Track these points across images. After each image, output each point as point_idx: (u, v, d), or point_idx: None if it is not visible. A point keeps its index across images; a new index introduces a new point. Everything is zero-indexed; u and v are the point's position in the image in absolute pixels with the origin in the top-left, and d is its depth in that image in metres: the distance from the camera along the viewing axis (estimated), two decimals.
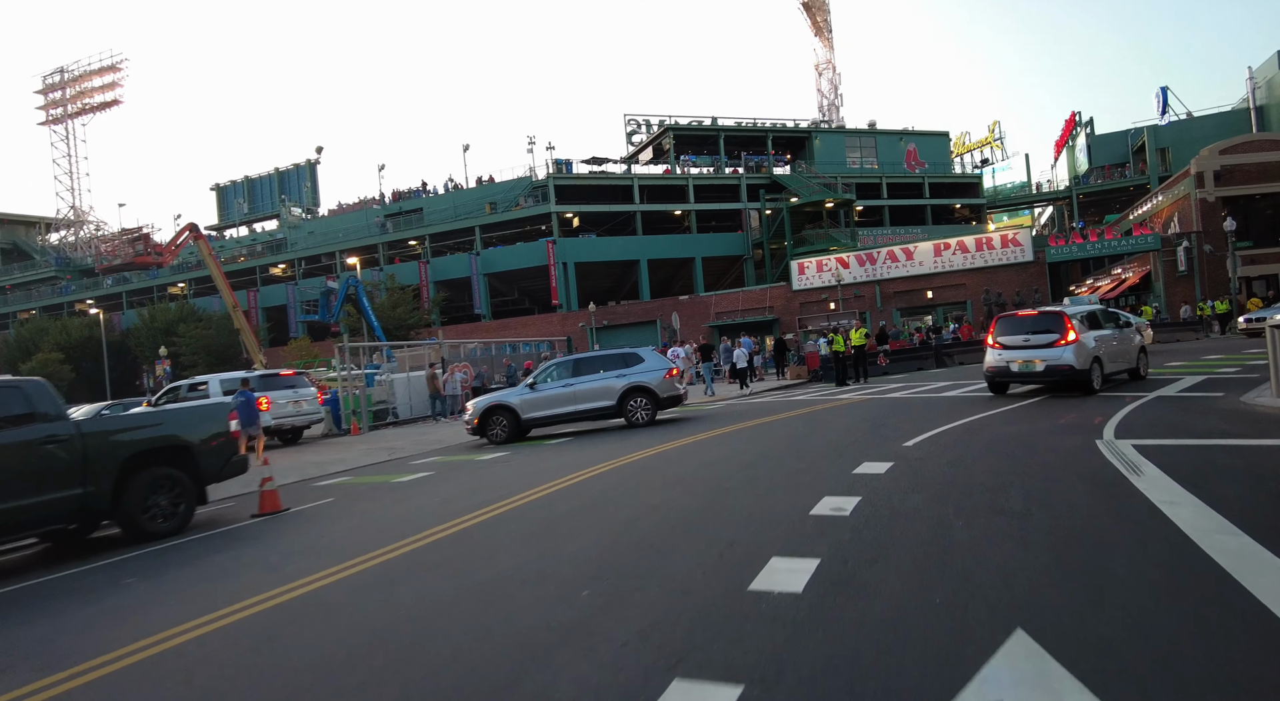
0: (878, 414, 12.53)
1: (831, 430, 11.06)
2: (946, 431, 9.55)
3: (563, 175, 49.39)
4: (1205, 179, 33.93)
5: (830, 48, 75.74)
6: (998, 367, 12.69)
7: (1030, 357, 12.22)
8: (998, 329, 12.99)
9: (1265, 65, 61.55)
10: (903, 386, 17.54)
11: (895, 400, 14.65)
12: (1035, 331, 12.40)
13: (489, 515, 7.13)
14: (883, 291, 39.35)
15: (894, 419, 11.57)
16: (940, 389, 15.95)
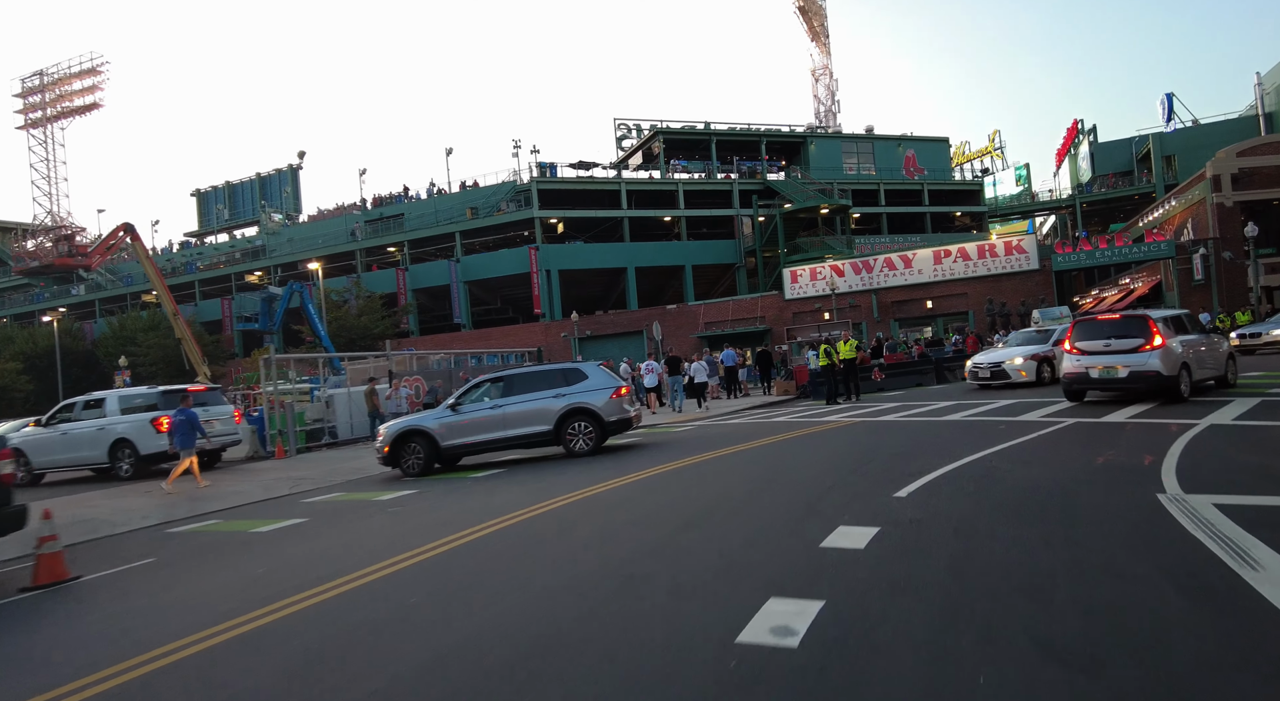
0: (866, 444, 10.36)
1: (807, 468, 8.89)
2: (951, 473, 7.37)
3: (546, 179, 47.38)
4: (1222, 182, 31.90)
5: (827, 53, 74.11)
6: (1076, 374, 12.03)
7: (1112, 363, 11.53)
8: (1075, 333, 12.40)
9: (1274, 71, 60.02)
10: (899, 406, 15.36)
11: (888, 425, 12.47)
12: (1117, 336, 11.74)
13: (322, 596, 4.97)
14: (880, 301, 37.25)
15: (885, 452, 9.40)
16: (942, 410, 13.76)
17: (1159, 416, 10.26)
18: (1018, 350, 17.33)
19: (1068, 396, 12.67)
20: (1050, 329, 18.25)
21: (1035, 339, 17.78)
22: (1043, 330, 18.72)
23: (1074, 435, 9.44)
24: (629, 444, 13.16)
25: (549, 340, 43.80)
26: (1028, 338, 18.18)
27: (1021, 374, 16.71)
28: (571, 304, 50.53)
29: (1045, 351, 16.88)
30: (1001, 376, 17.02)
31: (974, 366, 17.77)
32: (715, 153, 52.61)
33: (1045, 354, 16.85)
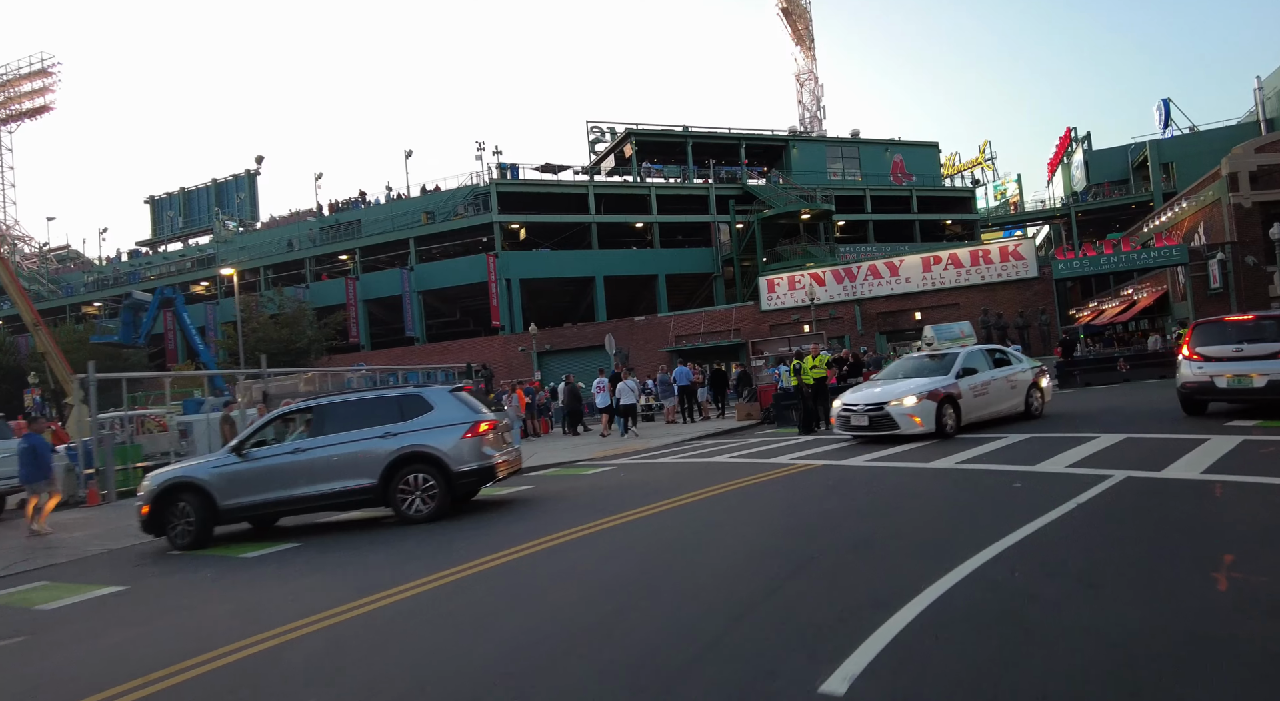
0: (815, 515, 6.94)
1: (704, 571, 5.45)
2: (944, 607, 3.93)
3: (507, 181, 44.08)
4: (1239, 181, 28.83)
5: (812, 58, 71.52)
6: (1198, 383, 10.74)
7: (1244, 371, 10.17)
8: (1197, 337, 11.08)
9: (1275, 75, 57.85)
10: (870, 439, 11.95)
11: (854, 476, 9.06)
12: (1251, 339, 10.33)
13: None
14: (864, 312, 33.99)
15: (839, 536, 5.98)
16: (925, 449, 10.38)
17: None
18: (907, 387, 11.72)
19: (1186, 409, 11.27)
20: (948, 353, 13.30)
21: (929, 368, 12.50)
22: (938, 355, 13.49)
23: (1156, 502, 6.03)
24: (505, 498, 9.71)
25: (509, 354, 40.39)
26: (919, 366, 12.82)
27: (915, 421, 11.21)
28: (536, 315, 47.12)
29: (947, 387, 11.57)
30: (885, 424, 11.40)
31: (845, 410, 12.01)
32: (692, 156, 49.47)
33: (947, 390, 11.53)
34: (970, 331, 13.91)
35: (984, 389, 12.11)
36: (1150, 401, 14.15)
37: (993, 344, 16.97)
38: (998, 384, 12.40)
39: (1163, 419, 11.34)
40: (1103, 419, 12.17)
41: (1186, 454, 7.98)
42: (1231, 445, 8.31)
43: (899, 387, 11.82)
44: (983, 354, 12.94)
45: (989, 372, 12.38)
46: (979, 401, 11.97)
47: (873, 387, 12.54)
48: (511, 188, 43.96)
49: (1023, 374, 13.02)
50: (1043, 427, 11.59)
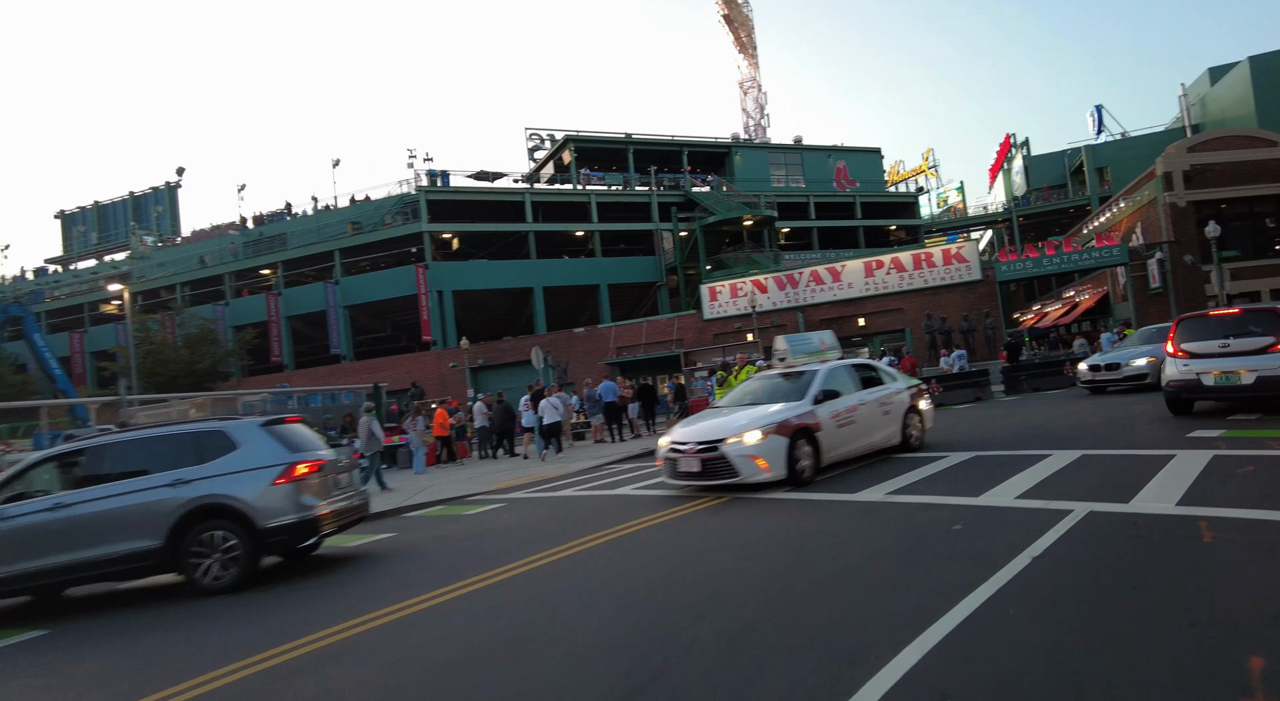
0: (699, 586, 5.38)
1: (552, 673, 3.83)
2: None
3: (437, 189, 42.10)
4: (1174, 180, 28.67)
5: (755, 66, 71.35)
6: (1184, 381, 10.32)
7: (1232, 367, 9.75)
8: (1181, 332, 10.62)
9: (1198, 82, 59.51)
10: None
11: (771, 514, 7.57)
12: (1238, 334, 9.92)
13: None
14: (807, 319, 32.95)
15: (721, 621, 4.42)
16: (860, 474, 8.99)
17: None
18: (749, 417, 8.76)
19: (1171, 408, 10.78)
20: (805, 370, 10.08)
21: (783, 390, 9.68)
22: (792, 373, 10.22)
23: (1130, 551, 4.64)
24: (353, 552, 7.99)
25: (441, 370, 38.35)
26: (773, 388, 9.93)
27: (759, 464, 8.27)
28: (473, 329, 45.14)
29: (801, 416, 8.73)
30: (720, 470, 8.41)
31: (672, 450, 8.96)
32: (633, 164, 48.19)
33: (801, 421, 8.68)
34: (834, 343, 11.40)
35: (850, 416, 9.27)
36: (1102, 410, 13.09)
37: (862, 359, 14.07)
38: (868, 409, 9.70)
39: (1118, 428, 10.20)
40: (1050, 431, 10.98)
41: (1154, 476, 6.70)
42: (1201, 463, 7.08)
43: (739, 418, 8.69)
44: (847, 371, 10.12)
45: (855, 395, 9.66)
46: (843, 433, 9.12)
47: (714, 417, 9.42)
48: (442, 195, 41.99)
49: (898, 395, 10.40)
50: (989, 444, 10.32)
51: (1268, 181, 29.29)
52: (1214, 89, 55.41)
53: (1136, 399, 13.61)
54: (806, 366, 10.17)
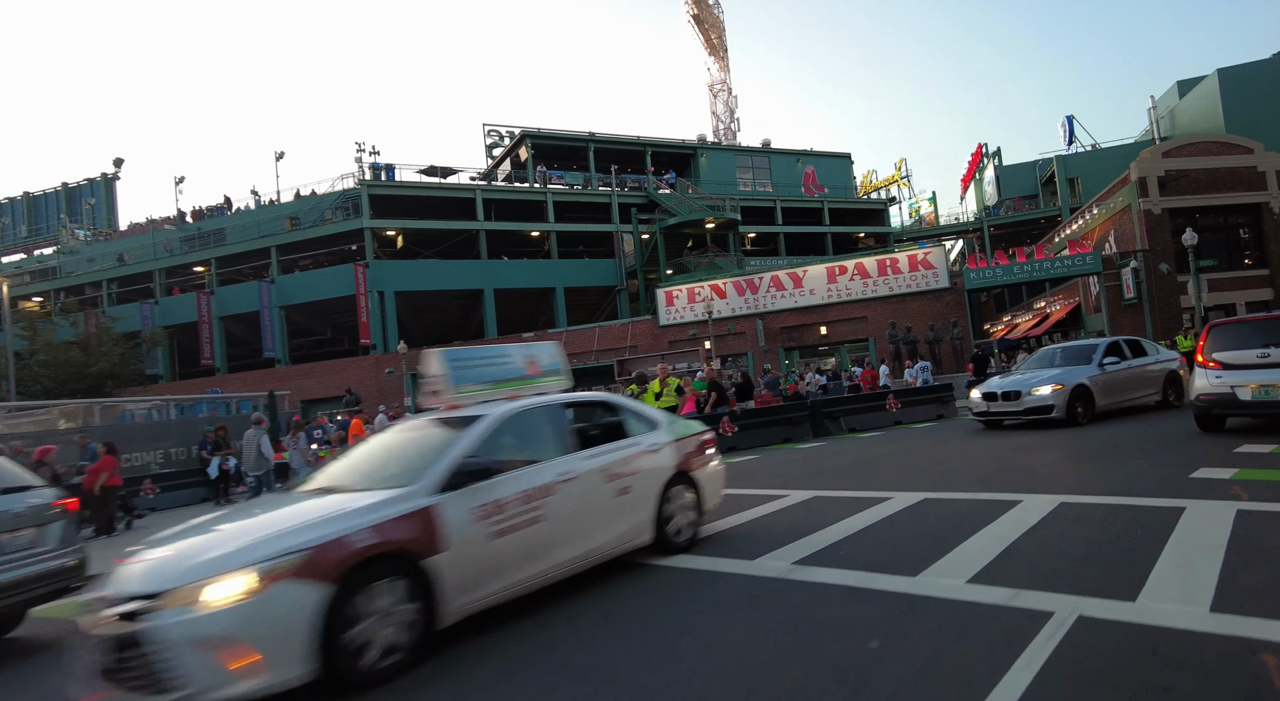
0: None
1: None
2: None
3: (381, 183, 39.69)
4: (1148, 186, 27.31)
5: (725, 69, 69.90)
6: (1217, 395, 9.13)
7: (1274, 380, 8.50)
8: (1214, 340, 9.45)
9: (1167, 95, 59.33)
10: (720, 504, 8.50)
11: (628, 606, 5.47)
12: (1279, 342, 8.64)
13: None
14: (766, 326, 31.13)
15: None
16: (789, 524, 6.96)
17: None
18: (242, 536, 4.01)
19: (1201, 425, 9.79)
20: (474, 416, 5.24)
21: (404, 461, 5.10)
22: (453, 419, 5.37)
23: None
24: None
25: (380, 376, 35.94)
26: (388, 458, 5.30)
27: (236, 665, 3.47)
28: (421, 332, 42.78)
29: (383, 526, 4.09)
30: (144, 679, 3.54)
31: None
32: (594, 162, 46.16)
33: (383, 536, 4.03)
34: (556, 363, 6.37)
35: (530, 509, 4.77)
36: (1068, 443, 11.23)
37: (600, 395, 8.01)
38: (578, 489, 5.20)
39: (1100, 461, 8.30)
40: (1016, 467, 9.05)
41: (1164, 547, 4.75)
42: (1225, 522, 5.16)
43: (214, 544, 4.00)
44: (548, 417, 5.58)
45: (554, 464, 5.17)
46: (509, 548, 4.61)
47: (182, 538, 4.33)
48: (386, 190, 39.59)
49: (648, 458, 5.90)
50: (944, 483, 8.34)
51: (1242, 190, 28.11)
52: (1183, 101, 55.05)
53: (1057, 436, 10.88)
54: (478, 407, 5.39)
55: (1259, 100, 44.89)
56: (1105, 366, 12.29)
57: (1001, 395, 12.44)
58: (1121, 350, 12.89)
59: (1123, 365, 12.61)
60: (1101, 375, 12.18)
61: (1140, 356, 13.18)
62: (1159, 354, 13.67)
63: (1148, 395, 13.00)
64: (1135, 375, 12.81)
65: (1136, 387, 12.78)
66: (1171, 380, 13.38)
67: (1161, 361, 13.46)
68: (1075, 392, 11.76)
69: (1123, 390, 12.49)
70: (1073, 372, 12.11)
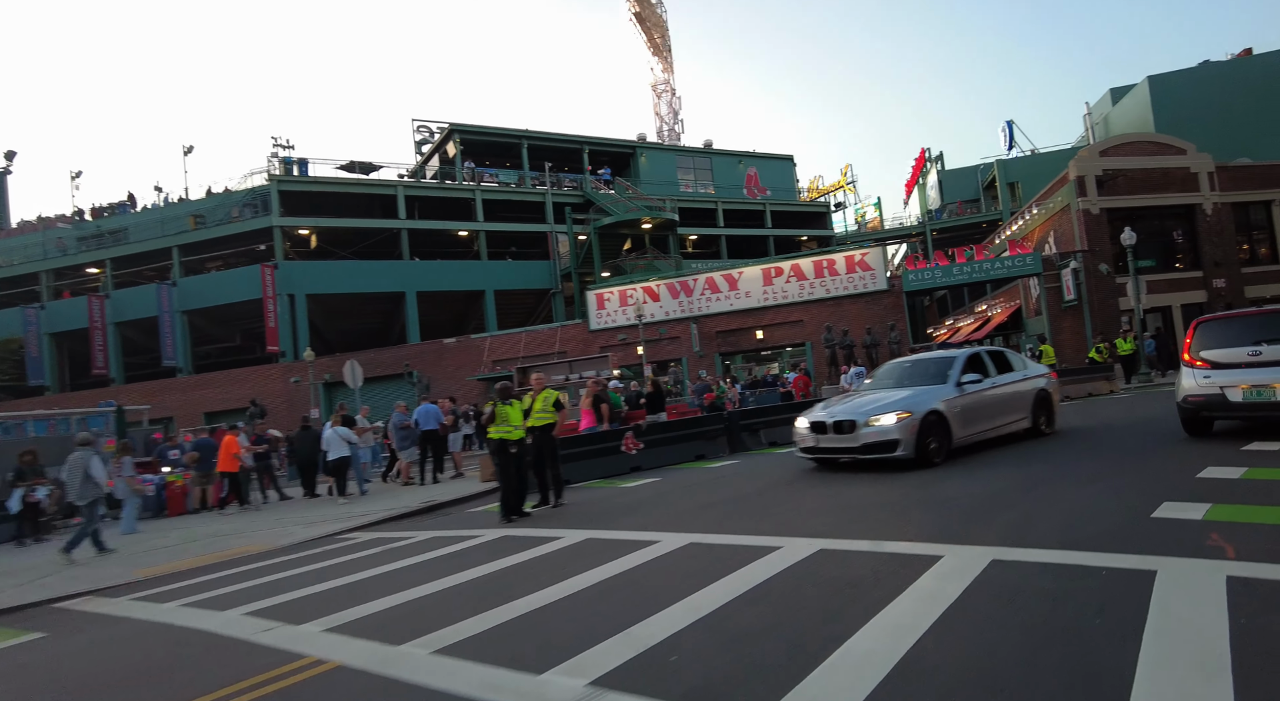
0: None
1: None
2: None
3: (293, 179, 37.00)
4: (1087, 185, 26.64)
5: (669, 69, 68.72)
6: (1205, 397, 8.48)
7: (1266, 380, 7.91)
8: (1201, 338, 8.75)
9: (1101, 102, 60.38)
10: (582, 545, 6.77)
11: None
12: (1273, 339, 8.02)
13: None
14: (701, 330, 29.59)
15: None
16: (632, 579, 5.21)
17: None
18: None
19: (1188, 428, 9.21)
20: None
21: None
22: None
23: None
24: None
25: (289, 386, 33.29)
26: None
27: None
28: (339, 339, 40.20)
29: None
30: None
31: None
32: (528, 161, 44.12)
33: None
34: None
35: None
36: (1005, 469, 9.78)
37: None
38: None
39: (1039, 491, 6.76)
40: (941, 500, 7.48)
41: (1140, 650, 3.11)
42: (1215, 601, 3.58)
43: None
44: None
45: None
46: None
47: None
48: (299, 186, 36.92)
49: None
50: (848, 523, 6.70)
51: (1175, 191, 27.69)
52: (1116, 108, 55.82)
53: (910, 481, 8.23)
54: None
55: (1187, 106, 45.47)
56: (964, 386, 9.69)
57: (833, 426, 9.39)
58: (983, 364, 10.39)
59: (986, 384, 10.03)
60: (960, 398, 9.57)
61: (1006, 372, 10.68)
62: (1027, 368, 11.28)
63: (1015, 421, 10.53)
64: (1002, 396, 10.30)
65: (1003, 412, 10.30)
66: (1041, 401, 10.97)
67: (1030, 378, 11.07)
68: (927, 423, 9.04)
69: (987, 416, 9.98)
70: (924, 395, 9.38)
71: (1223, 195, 27.79)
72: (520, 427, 9.19)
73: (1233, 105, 45.09)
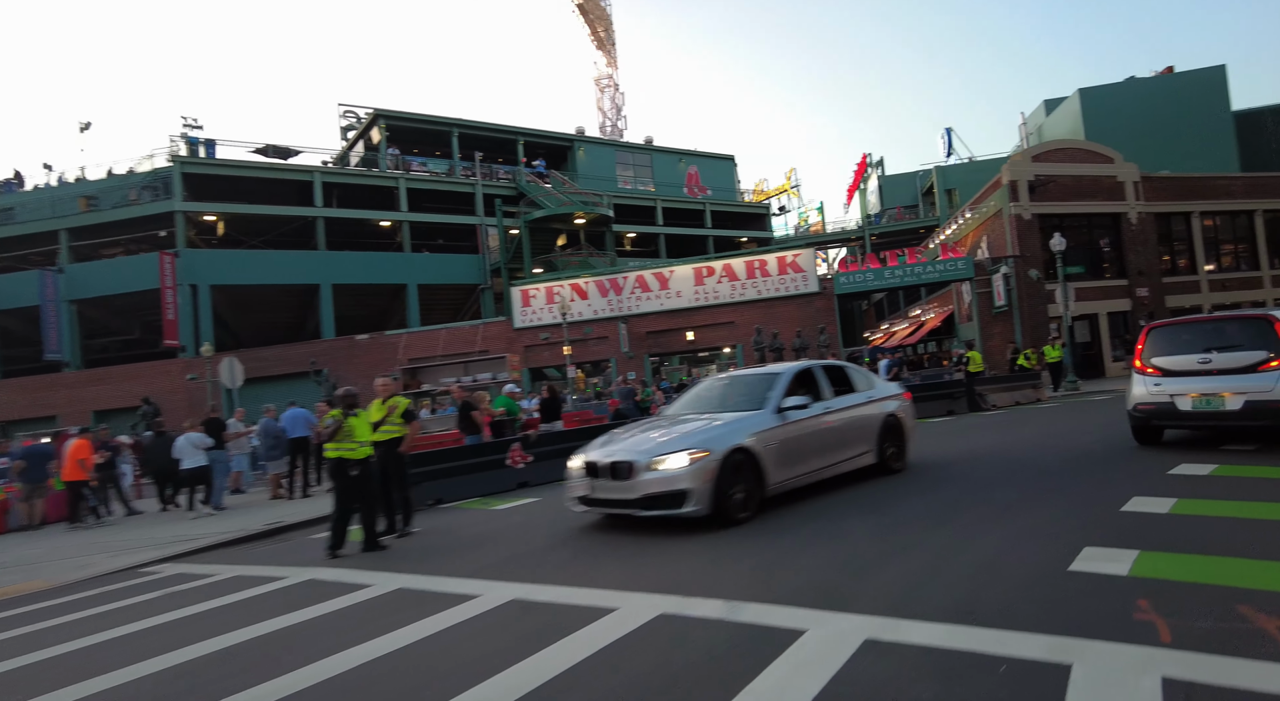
0: None
1: None
2: None
3: (198, 160, 34.43)
4: (1019, 190, 26.41)
5: (614, 64, 67.42)
6: (1155, 405, 8.23)
7: (1215, 389, 7.75)
8: (1152, 344, 8.50)
9: (1035, 112, 61.59)
10: (391, 598, 5.43)
11: None
12: (1223, 346, 7.83)
13: None
14: (631, 331, 28.39)
15: None
16: (413, 658, 3.88)
17: None
18: None
19: (1138, 437, 8.79)
20: None
21: None
22: None
23: None
24: None
25: (189, 383, 30.82)
26: None
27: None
28: (252, 333, 37.72)
29: None
30: None
31: None
32: (459, 150, 42.23)
33: None
34: None
35: None
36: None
37: None
38: None
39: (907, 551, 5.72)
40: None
41: None
42: (1146, 693, 2.49)
43: None
44: None
45: None
46: None
47: None
48: (206, 169, 34.36)
49: None
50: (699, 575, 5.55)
51: (1104, 199, 27.77)
52: (1049, 119, 56.98)
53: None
54: None
55: (1114, 119, 46.63)
56: (787, 413, 7.44)
57: (608, 469, 6.93)
58: (815, 383, 8.19)
59: (817, 409, 7.81)
60: (780, 428, 7.32)
61: (846, 393, 8.47)
62: (873, 387, 8.96)
63: (856, 455, 8.27)
64: (839, 424, 8.07)
65: (839, 444, 8.03)
66: (890, 429, 8.66)
67: (878, 400, 8.75)
68: (730, 464, 6.70)
69: (817, 450, 7.71)
70: (731, 426, 7.09)
71: (1147, 205, 27.98)
72: (365, 445, 7.78)
73: (1156, 119, 46.38)
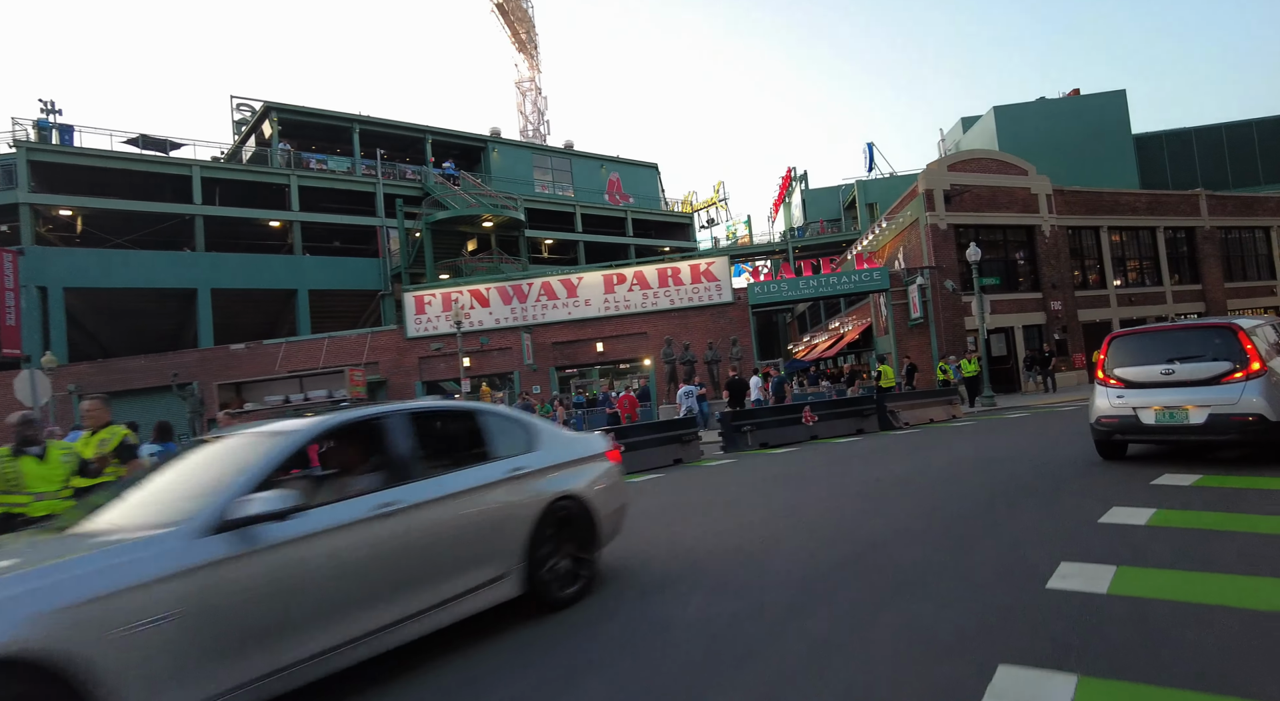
0: None
1: None
2: None
3: (49, 147, 30.77)
4: (935, 199, 25.74)
5: (536, 68, 65.53)
6: (1118, 418, 7.81)
7: (1178, 401, 7.37)
8: (1115, 354, 8.07)
9: (954, 129, 62.76)
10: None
11: None
12: (1187, 356, 7.52)
13: None
14: (535, 342, 26.36)
15: None
16: None
17: None
18: None
19: (1102, 452, 8.39)
20: None
21: None
22: None
23: None
24: None
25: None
26: None
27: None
28: (122, 342, 34.03)
29: None
30: None
31: None
32: (360, 147, 39.46)
33: None
34: None
35: None
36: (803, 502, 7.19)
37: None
38: None
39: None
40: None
41: None
42: None
43: None
44: None
45: None
46: None
47: None
48: (59, 158, 30.70)
49: None
50: None
51: (1018, 210, 27.47)
52: (966, 135, 58.03)
53: None
54: None
55: (1026, 136, 47.66)
56: (248, 531, 3.32)
57: None
58: (385, 449, 4.24)
59: (361, 512, 3.81)
60: (216, 568, 3.18)
61: (464, 465, 4.58)
62: (534, 448, 5.02)
63: (465, 590, 4.21)
64: (424, 533, 4.04)
65: (421, 572, 3.99)
66: (563, 525, 4.88)
67: (534, 472, 4.84)
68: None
69: (339, 603, 3.59)
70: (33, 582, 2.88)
71: (1059, 218, 27.82)
72: (46, 498, 5.59)
73: (1064, 138, 47.69)
